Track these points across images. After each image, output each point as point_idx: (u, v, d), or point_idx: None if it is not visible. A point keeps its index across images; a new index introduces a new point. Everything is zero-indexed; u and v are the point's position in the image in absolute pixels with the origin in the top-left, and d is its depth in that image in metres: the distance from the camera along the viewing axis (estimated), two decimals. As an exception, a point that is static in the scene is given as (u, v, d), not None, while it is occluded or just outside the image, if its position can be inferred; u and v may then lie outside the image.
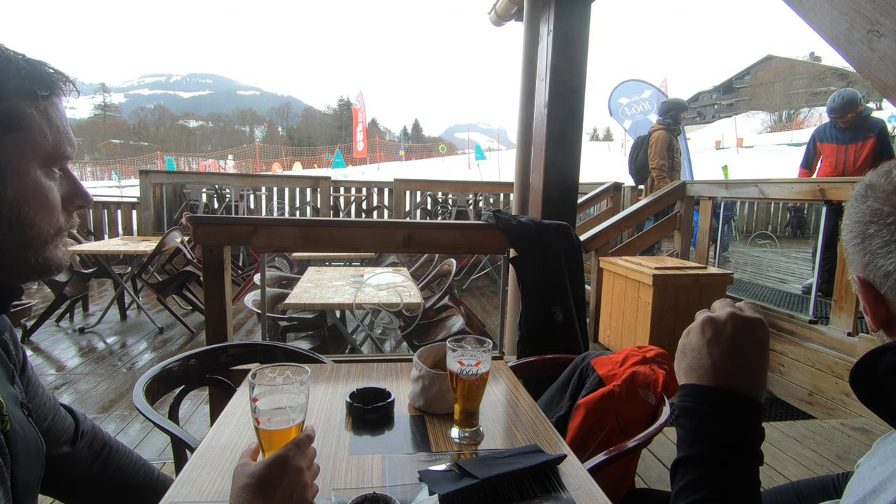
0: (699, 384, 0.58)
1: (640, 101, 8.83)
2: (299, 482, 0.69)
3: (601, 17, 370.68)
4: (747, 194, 3.91)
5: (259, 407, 0.73)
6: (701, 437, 0.56)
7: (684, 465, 0.56)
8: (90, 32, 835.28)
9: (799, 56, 68.62)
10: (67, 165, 0.68)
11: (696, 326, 0.61)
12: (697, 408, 0.57)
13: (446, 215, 7.53)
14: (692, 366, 0.59)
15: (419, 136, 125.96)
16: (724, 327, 0.58)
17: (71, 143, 0.67)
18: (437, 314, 3.24)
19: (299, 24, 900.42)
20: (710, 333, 0.59)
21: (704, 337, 0.59)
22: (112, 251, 4.12)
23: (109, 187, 18.73)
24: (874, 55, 1.20)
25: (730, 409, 0.55)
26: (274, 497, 0.66)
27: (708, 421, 0.56)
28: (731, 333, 0.58)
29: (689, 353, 0.60)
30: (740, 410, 0.55)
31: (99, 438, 0.94)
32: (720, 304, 0.61)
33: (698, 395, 0.57)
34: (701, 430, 0.56)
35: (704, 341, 0.59)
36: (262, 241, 2.08)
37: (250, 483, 0.66)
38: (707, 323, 0.59)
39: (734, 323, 0.58)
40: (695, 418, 0.57)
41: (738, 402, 0.55)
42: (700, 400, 0.57)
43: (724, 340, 0.58)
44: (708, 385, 0.57)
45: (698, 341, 0.59)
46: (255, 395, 0.72)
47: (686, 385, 0.59)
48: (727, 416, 0.55)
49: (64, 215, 0.68)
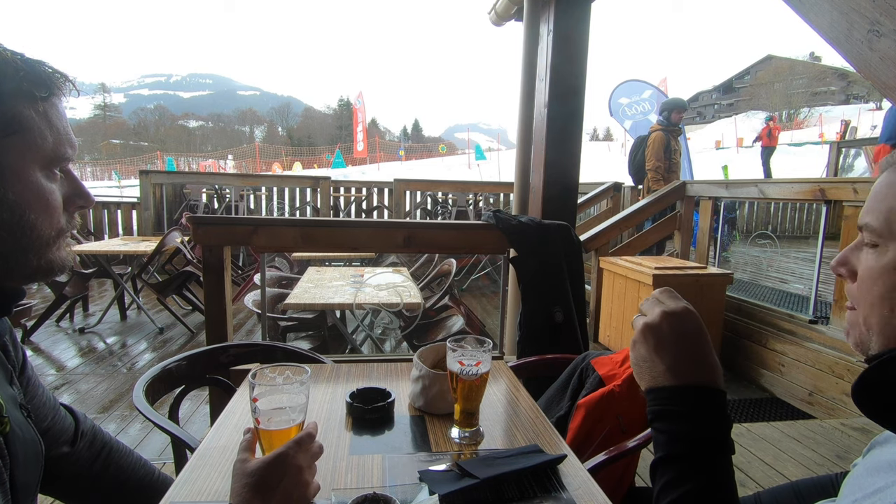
0: (663, 386, 0.60)
1: (641, 102, 8.83)
2: (300, 481, 0.69)
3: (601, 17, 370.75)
4: (747, 194, 3.91)
5: (259, 407, 0.72)
6: (675, 436, 0.58)
7: (661, 464, 0.58)
8: (90, 32, 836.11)
9: (799, 56, 68.66)
10: (69, 166, 0.68)
11: (638, 337, 0.63)
12: (667, 408, 0.59)
13: (446, 215, 7.53)
14: (652, 374, 0.61)
15: (419, 136, 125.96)
16: (661, 329, 0.60)
17: (71, 145, 0.67)
18: (437, 314, 3.24)
19: (299, 24, 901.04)
20: (653, 340, 0.61)
21: (649, 345, 0.61)
22: (112, 251, 4.12)
23: (109, 187, 18.72)
24: (874, 55, 1.20)
25: (696, 402, 0.58)
26: (274, 495, 0.66)
27: (679, 418, 0.58)
28: (670, 332, 0.60)
29: (643, 366, 0.62)
30: (706, 402, 0.58)
31: (99, 438, 0.94)
32: (648, 305, 0.64)
33: (665, 396, 0.59)
34: (674, 429, 0.58)
35: (651, 349, 0.61)
36: (262, 241, 2.08)
37: (250, 482, 0.66)
38: (647, 331, 0.62)
39: (668, 321, 0.60)
40: (666, 419, 0.59)
41: (702, 394, 0.58)
42: (668, 401, 0.59)
43: (667, 342, 0.60)
44: (671, 385, 0.59)
45: (647, 351, 0.61)
46: (255, 395, 0.72)
47: (651, 389, 0.61)
48: (695, 410, 0.57)
49: (65, 216, 0.68)
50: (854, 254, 0.57)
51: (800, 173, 14.67)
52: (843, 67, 48.14)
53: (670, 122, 5.29)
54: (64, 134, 0.65)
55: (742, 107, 64.79)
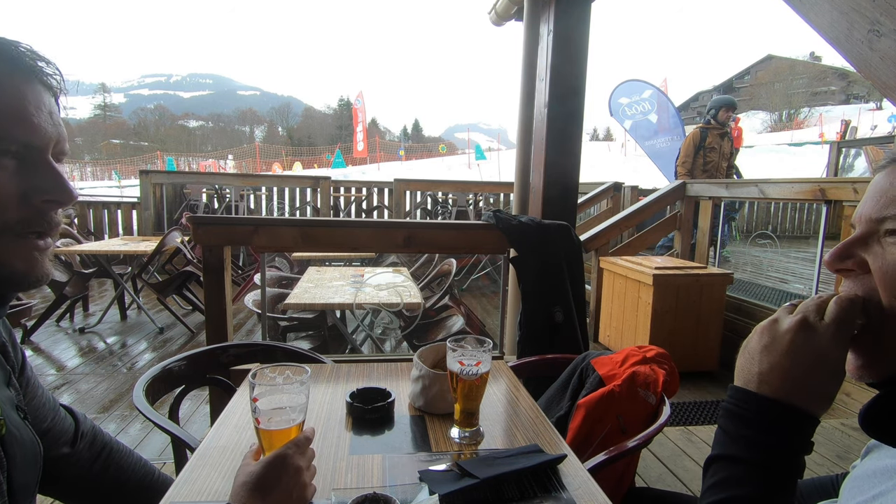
0: (744, 388, 0.57)
1: (641, 102, 8.84)
2: (298, 481, 0.69)
3: (601, 17, 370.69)
4: (747, 194, 3.91)
5: (259, 407, 0.73)
6: (737, 440, 0.55)
7: (716, 463, 0.56)
8: (90, 32, 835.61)
9: (799, 56, 68.59)
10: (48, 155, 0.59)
11: (761, 327, 0.59)
12: (738, 411, 0.56)
13: (446, 215, 7.53)
14: (744, 369, 0.58)
15: (419, 136, 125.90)
16: (782, 337, 0.56)
17: (26, 126, 0.55)
18: (437, 314, 3.24)
19: (299, 24, 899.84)
20: (766, 340, 0.57)
21: (761, 342, 0.57)
22: (112, 251, 4.12)
23: (109, 187, 18.72)
24: (874, 55, 1.20)
25: (772, 417, 0.54)
26: (272, 495, 0.66)
27: (746, 425, 0.55)
28: (788, 345, 0.55)
29: (745, 356, 0.59)
30: (784, 420, 0.54)
31: (99, 439, 0.94)
32: (804, 305, 0.58)
33: (742, 398, 0.57)
34: (738, 432, 0.56)
35: (760, 347, 0.57)
36: (262, 241, 2.08)
37: (249, 482, 0.66)
38: (767, 329, 0.58)
39: (794, 334, 0.55)
40: (734, 421, 0.56)
41: (783, 411, 0.54)
42: (742, 404, 0.56)
43: (777, 351, 0.55)
44: (753, 392, 0.56)
45: (755, 345, 0.58)
46: (255, 395, 0.72)
47: (733, 387, 0.59)
48: (766, 423, 0.54)
49: (25, 210, 0.57)
50: (859, 247, 0.53)
51: (800, 173, 14.68)
52: (844, 67, 48.15)
53: (717, 121, 4.99)
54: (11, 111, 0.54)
55: (742, 107, 64.79)
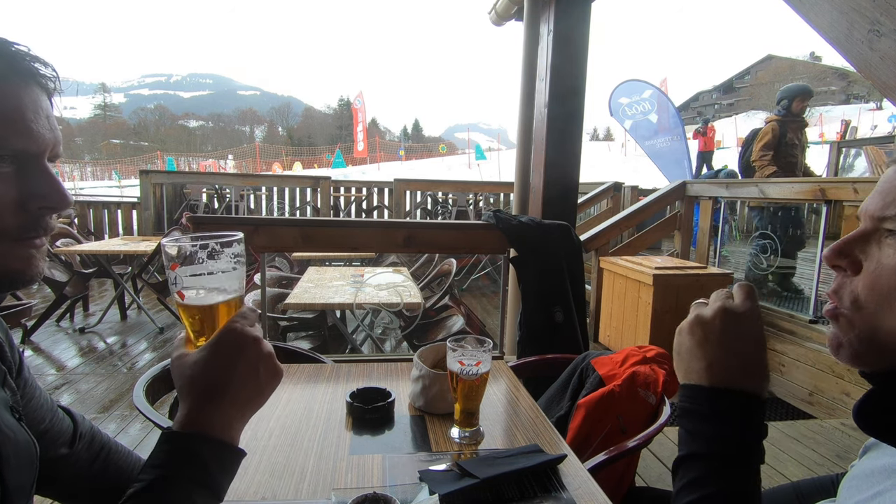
0: (697, 384, 0.57)
1: (641, 101, 8.84)
2: (261, 352, 0.57)
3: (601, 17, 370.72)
4: (747, 194, 3.91)
5: (180, 275, 0.55)
6: (700, 437, 0.56)
7: (684, 463, 0.56)
8: (90, 32, 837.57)
9: (799, 56, 68.67)
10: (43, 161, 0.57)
11: (685, 326, 0.60)
12: (696, 408, 0.57)
13: (446, 215, 7.54)
14: (689, 368, 0.59)
15: (419, 136, 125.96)
16: (713, 326, 0.57)
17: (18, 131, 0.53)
18: (438, 314, 3.24)
19: (299, 24, 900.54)
20: (699, 334, 0.58)
21: (695, 338, 0.58)
22: (112, 251, 4.12)
23: (110, 187, 18.73)
24: (874, 55, 1.20)
25: (728, 408, 0.55)
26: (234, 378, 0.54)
27: (706, 421, 0.56)
28: (721, 331, 0.57)
29: (684, 355, 0.60)
30: (739, 408, 0.55)
31: (98, 439, 0.93)
32: (714, 296, 0.60)
33: (696, 395, 0.57)
34: (699, 430, 0.56)
35: (696, 342, 0.58)
36: (262, 241, 2.08)
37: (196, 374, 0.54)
38: (696, 324, 0.59)
39: (722, 319, 0.57)
40: (693, 419, 0.57)
41: (736, 400, 0.55)
42: (698, 400, 0.57)
43: (714, 340, 0.57)
44: (705, 385, 0.57)
45: (690, 342, 0.59)
46: (174, 262, 0.55)
47: (685, 385, 0.59)
48: (725, 416, 0.55)
49: (24, 217, 0.56)
50: (858, 245, 0.52)
51: (800, 173, 14.60)
52: (844, 67, 48.12)
53: (790, 113, 4.42)
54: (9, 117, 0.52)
55: (742, 106, 64.80)
